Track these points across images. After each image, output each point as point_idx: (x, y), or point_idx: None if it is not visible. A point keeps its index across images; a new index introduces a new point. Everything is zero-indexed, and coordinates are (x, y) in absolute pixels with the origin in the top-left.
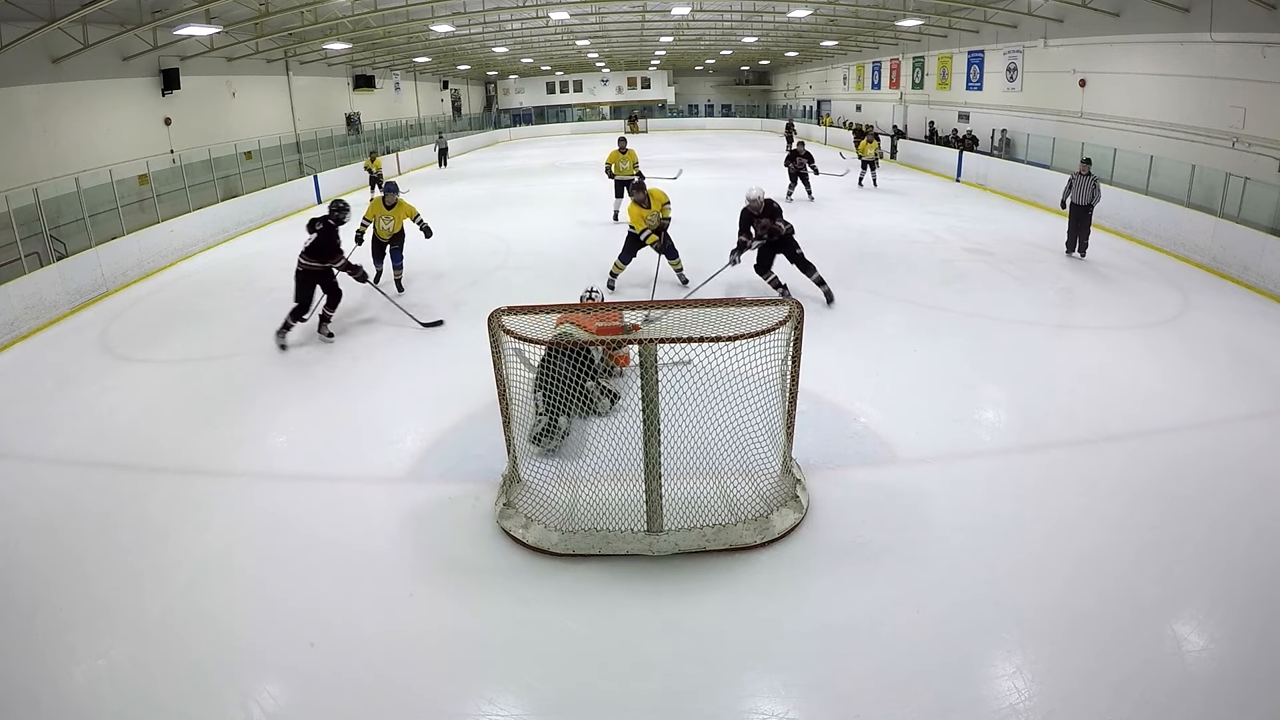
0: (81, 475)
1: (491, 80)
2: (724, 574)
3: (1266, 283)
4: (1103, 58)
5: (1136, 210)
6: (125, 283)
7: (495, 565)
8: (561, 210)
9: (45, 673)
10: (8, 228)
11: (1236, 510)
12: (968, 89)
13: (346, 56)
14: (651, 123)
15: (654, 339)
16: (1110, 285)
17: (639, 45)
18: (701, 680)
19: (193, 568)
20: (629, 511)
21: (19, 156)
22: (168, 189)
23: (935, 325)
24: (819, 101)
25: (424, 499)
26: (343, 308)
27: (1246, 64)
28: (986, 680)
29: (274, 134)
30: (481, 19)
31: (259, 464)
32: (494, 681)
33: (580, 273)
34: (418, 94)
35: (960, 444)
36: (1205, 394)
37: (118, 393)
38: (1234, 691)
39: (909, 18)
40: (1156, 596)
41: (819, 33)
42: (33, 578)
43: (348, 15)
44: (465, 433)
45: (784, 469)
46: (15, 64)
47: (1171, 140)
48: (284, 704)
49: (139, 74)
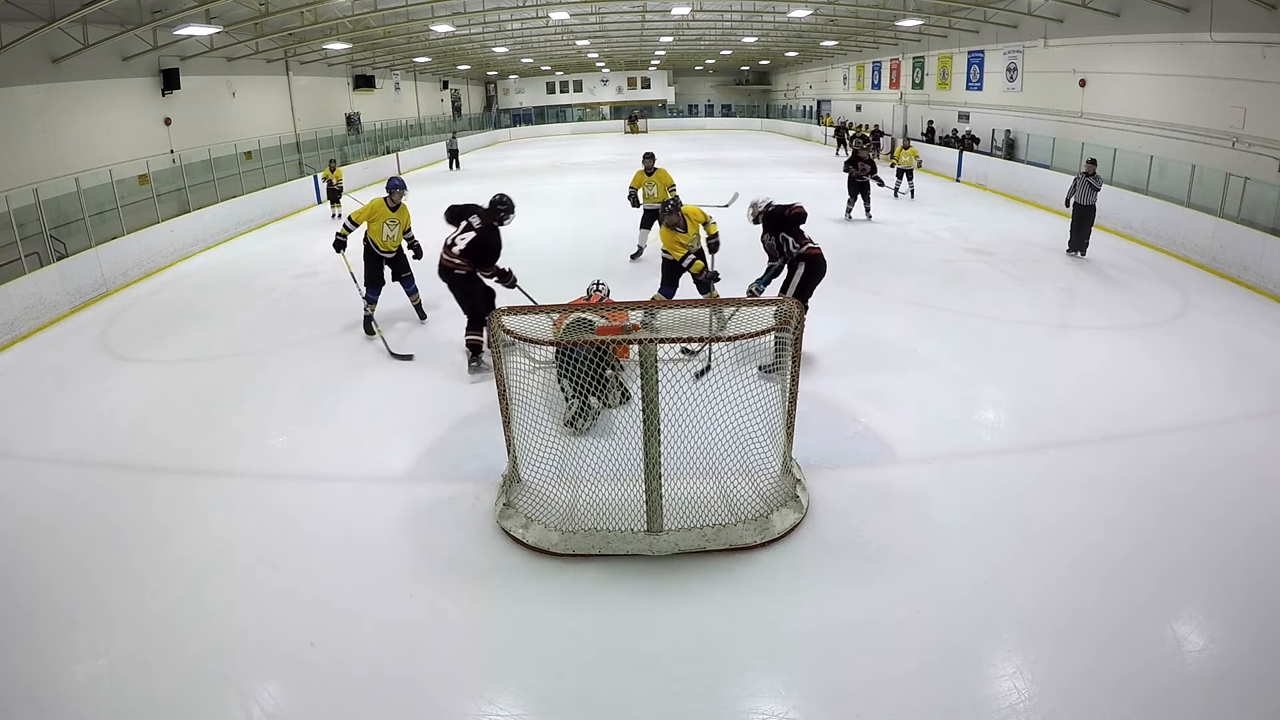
0: (81, 475)
1: (491, 80)
2: (724, 574)
3: (1266, 283)
4: (1103, 58)
5: (1136, 210)
6: (125, 283)
7: (495, 565)
8: (562, 210)
9: (46, 672)
10: (8, 228)
11: (1235, 510)
12: (968, 89)
13: (346, 56)
14: (651, 123)
15: (654, 339)
16: (1110, 285)
17: (639, 45)
18: (702, 680)
19: (193, 567)
20: (629, 511)
21: (19, 156)
22: (168, 189)
23: (935, 325)
24: (819, 101)
25: (424, 499)
26: (343, 308)
27: (1246, 64)
28: (986, 680)
29: (274, 134)
30: (481, 19)
31: (259, 464)
32: (494, 681)
33: (580, 273)
34: (418, 94)
35: (960, 444)
36: (1205, 394)
37: (118, 393)
38: (1233, 690)
39: (909, 18)
40: (1156, 596)
41: (819, 33)
42: (33, 577)
43: (348, 15)
44: (465, 433)
45: (784, 469)
46: (15, 64)
47: (1171, 140)
48: (284, 704)
49: (139, 74)
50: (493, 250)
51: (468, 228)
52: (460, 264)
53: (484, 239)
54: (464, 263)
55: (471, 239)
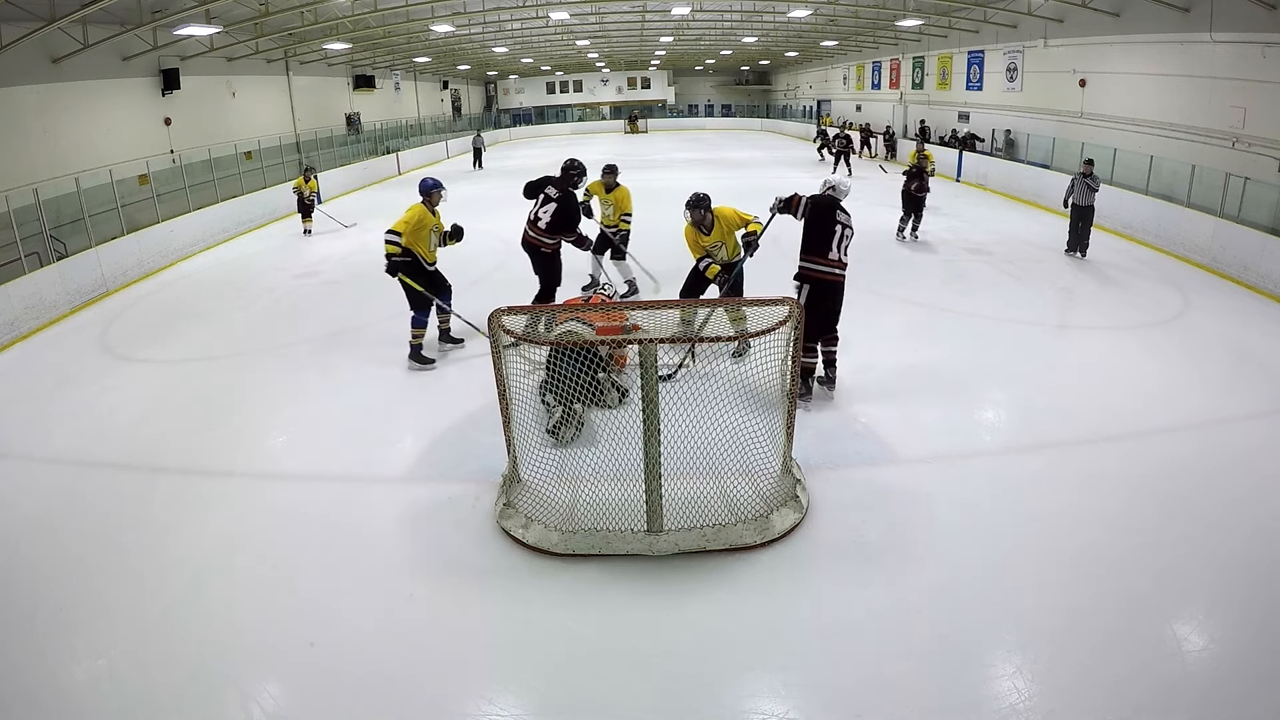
0: (82, 475)
1: (491, 80)
2: (724, 574)
3: (1266, 283)
4: (1103, 58)
5: (1136, 210)
6: (125, 283)
7: (495, 565)
8: None
9: (46, 672)
10: (8, 228)
11: (1235, 509)
12: (968, 89)
13: (346, 56)
14: (651, 123)
15: (654, 339)
16: (1110, 285)
17: (639, 45)
18: (701, 680)
19: (193, 567)
20: (629, 511)
21: (19, 156)
22: (168, 189)
23: (935, 325)
24: (819, 101)
25: (424, 499)
26: (343, 308)
27: (1246, 64)
28: (986, 680)
29: (274, 134)
30: (481, 19)
31: (259, 464)
32: (494, 681)
33: (580, 273)
34: (418, 94)
35: (960, 444)
36: (1204, 394)
37: (118, 393)
38: (1233, 689)
39: (909, 18)
40: (1155, 595)
41: (819, 33)
42: (33, 577)
43: (348, 15)
44: (465, 433)
45: (784, 469)
46: (15, 64)
47: (1171, 140)
48: (284, 704)
49: (139, 74)
50: (575, 214)
51: (546, 200)
52: (546, 242)
53: (565, 206)
54: (550, 240)
55: (554, 210)
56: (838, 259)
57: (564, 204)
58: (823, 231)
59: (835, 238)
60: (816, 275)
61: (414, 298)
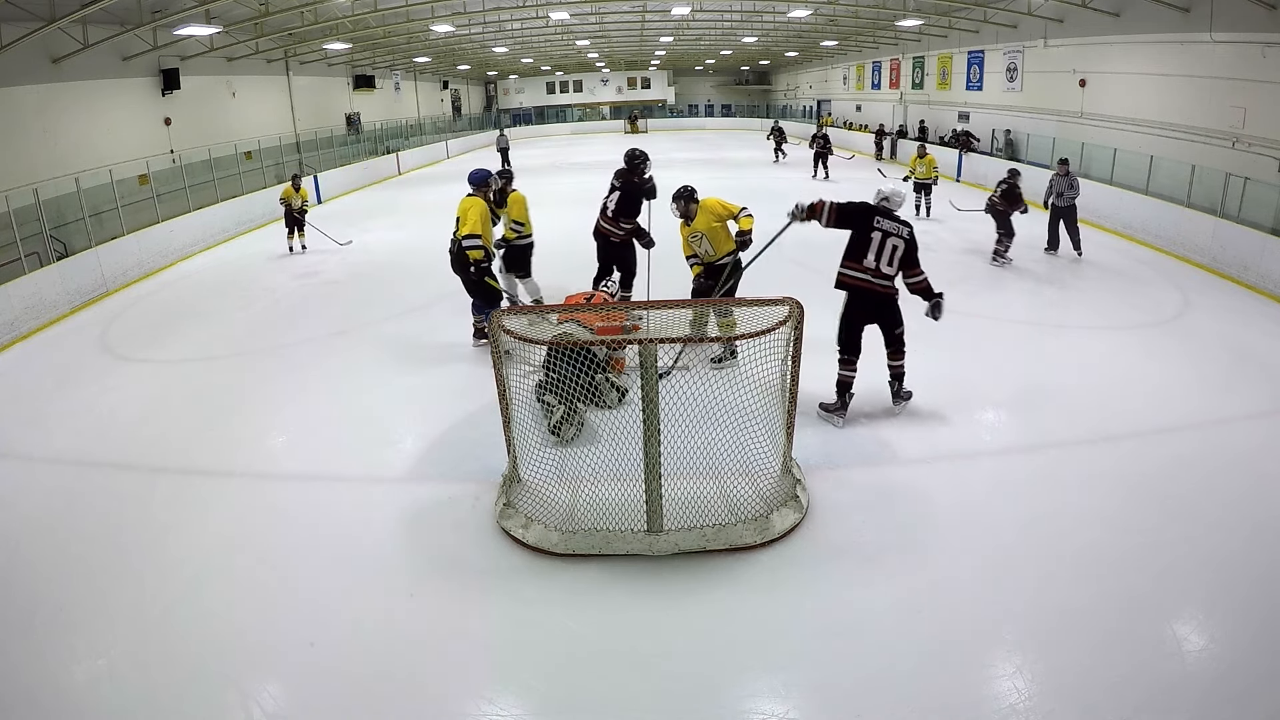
0: (81, 475)
1: (491, 80)
2: (724, 574)
3: (1266, 283)
4: (1103, 58)
5: (1136, 210)
6: (125, 283)
7: (495, 565)
8: (562, 210)
9: (45, 672)
10: (8, 228)
11: (1235, 509)
12: (968, 89)
13: (346, 56)
14: (651, 123)
15: (654, 339)
16: (1110, 285)
17: (639, 45)
18: (701, 680)
19: (193, 567)
20: (629, 511)
21: (19, 156)
22: (168, 189)
23: (935, 325)
24: (819, 101)
25: (424, 499)
26: (343, 308)
27: (1246, 64)
28: (986, 680)
29: (274, 134)
30: (481, 19)
31: (259, 464)
32: (494, 681)
33: (580, 273)
34: (418, 94)
35: (960, 444)
36: (1204, 394)
37: (118, 393)
38: (1233, 689)
39: (909, 18)
40: (1155, 595)
41: (819, 33)
42: (33, 577)
43: (348, 15)
44: (465, 433)
45: (784, 469)
46: (15, 64)
47: (1171, 140)
48: (284, 704)
49: (139, 74)
50: (638, 200)
51: (612, 189)
52: (617, 232)
53: (630, 192)
54: (621, 231)
55: (619, 197)
56: (875, 268)
57: (628, 189)
58: (858, 237)
59: (873, 246)
60: (851, 282)
61: (489, 296)
